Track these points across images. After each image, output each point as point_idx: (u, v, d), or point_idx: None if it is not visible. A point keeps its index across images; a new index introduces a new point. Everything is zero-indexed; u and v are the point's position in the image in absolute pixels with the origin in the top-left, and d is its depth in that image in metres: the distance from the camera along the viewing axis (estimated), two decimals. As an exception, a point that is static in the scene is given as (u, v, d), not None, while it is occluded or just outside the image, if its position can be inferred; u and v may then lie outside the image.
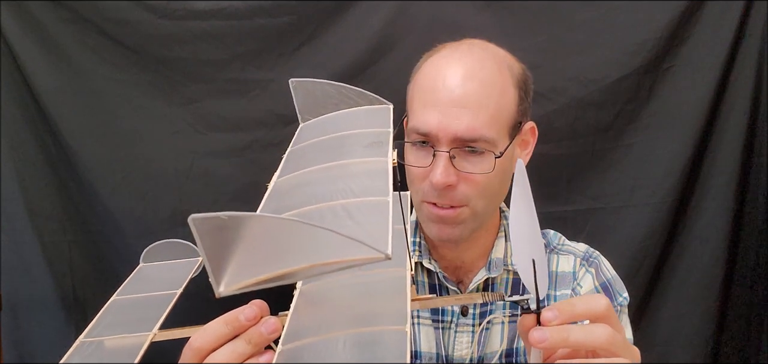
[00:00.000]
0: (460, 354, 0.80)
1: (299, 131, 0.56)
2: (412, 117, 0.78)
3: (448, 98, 0.73)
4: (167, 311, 0.50)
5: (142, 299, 0.53)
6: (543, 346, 0.49)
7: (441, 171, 0.72)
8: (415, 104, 0.77)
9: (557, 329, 0.49)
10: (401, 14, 1.09)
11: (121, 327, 0.49)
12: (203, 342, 0.48)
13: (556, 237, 0.88)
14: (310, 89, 0.56)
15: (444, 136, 0.72)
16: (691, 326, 1.14)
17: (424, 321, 0.81)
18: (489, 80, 0.74)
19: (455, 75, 0.74)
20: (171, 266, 0.59)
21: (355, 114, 0.55)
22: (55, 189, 1.14)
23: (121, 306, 0.53)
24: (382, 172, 0.41)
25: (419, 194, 0.77)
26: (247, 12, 1.07)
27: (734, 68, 1.09)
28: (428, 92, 0.76)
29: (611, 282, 0.82)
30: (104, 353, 0.46)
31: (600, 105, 1.10)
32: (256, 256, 0.30)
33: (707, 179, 1.12)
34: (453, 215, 0.75)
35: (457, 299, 0.67)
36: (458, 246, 0.81)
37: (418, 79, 0.80)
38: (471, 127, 0.72)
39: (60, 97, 1.09)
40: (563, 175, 1.14)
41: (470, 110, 0.72)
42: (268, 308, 0.50)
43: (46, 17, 1.07)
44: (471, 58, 0.76)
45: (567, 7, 1.08)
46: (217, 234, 0.29)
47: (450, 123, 0.72)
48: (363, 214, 0.36)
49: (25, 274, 1.13)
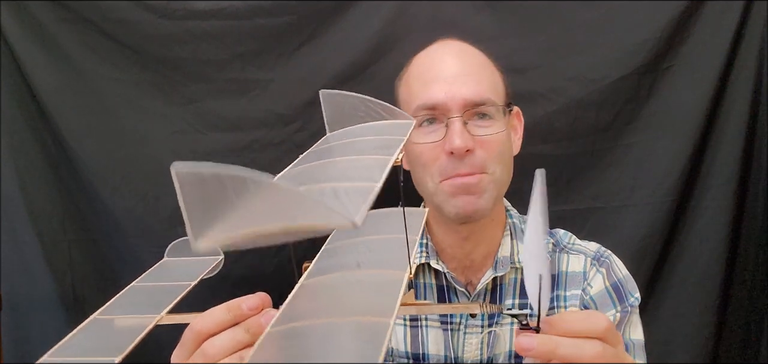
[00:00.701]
0: (468, 356, 0.80)
1: (324, 139, 0.57)
2: (413, 100, 0.78)
3: (449, 72, 0.77)
4: (179, 298, 0.51)
5: (159, 287, 0.55)
6: (529, 355, 0.49)
7: (458, 135, 0.73)
8: (415, 88, 0.79)
9: (545, 338, 0.49)
10: (401, 14, 1.09)
11: (133, 308, 0.51)
12: (203, 325, 0.50)
13: (567, 236, 0.88)
14: (339, 102, 0.56)
15: (453, 103, 0.74)
16: (691, 326, 1.14)
17: (433, 323, 0.81)
18: (481, 58, 0.81)
19: (451, 54, 0.80)
20: (192, 262, 0.60)
21: (377, 126, 0.56)
22: (55, 189, 1.14)
23: (138, 291, 0.55)
24: (380, 166, 0.42)
25: (436, 175, 0.76)
26: (247, 12, 1.08)
27: (734, 68, 1.09)
28: (428, 72, 0.78)
29: (622, 282, 0.82)
30: (112, 330, 0.47)
31: (600, 105, 1.10)
32: (233, 214, 0.31)
33: (707, 179, 1.12)
34: (476, 181, 0.75)
35: (452, 307, 0.67)
36: (470, 239, 0.80)
37: (412, 70, 0.82)
38: (477, 90, 0.75)
39: (60, 97, 1.09)
40: (563, 176, 1.14)
41: (473, 77, 0.76)
42: (270, 300, 0.51)
43: (46, 17, 1.07)
44: (458, 44, 0.82)
45: (567, 7, 1.08)
46: (198, 188, 0.30)
47: (458, 89, 0.75)
48: (348, 195, 0.36)
49: (25, 273, 1.13)
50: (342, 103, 0.56)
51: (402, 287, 0.43)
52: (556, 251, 0.84)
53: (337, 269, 0.48)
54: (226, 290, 0.54)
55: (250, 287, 0.53)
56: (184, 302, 0.51)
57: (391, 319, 0.37)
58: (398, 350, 0.81)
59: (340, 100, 0.56)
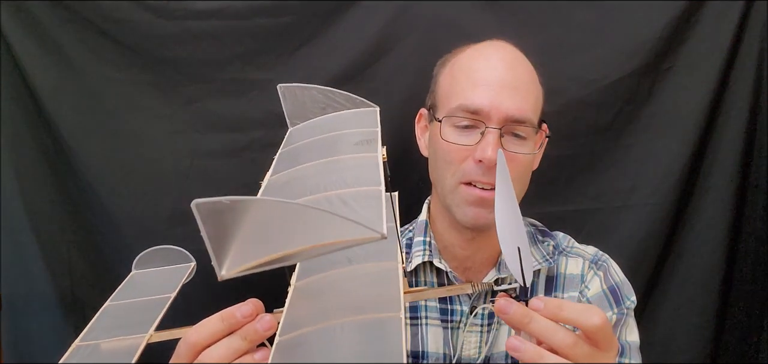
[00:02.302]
0: (468, 354, 0.80)
1: (288, 135, 0.56)
2: (456, 97, 0.77)
3: (498, 79, 0.75)
4: (163, 313, 0.50)
5: (136, 304, 0.53)
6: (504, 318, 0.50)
7: (492, 146, 0.72)
8: (461, 83, 0.77)
9: (522, 308, 0.49)
10: (401, 14, 1.09)
11: (116, 330, 0.49)
12: (198, 337, 0.49)
13: (565, 239, 0.88)
14: (298, 94, 0.56)
15: (495, 114, 0.74)
16: (691, 326, 1.14)
17: (433, 321, 0.81)
18: (530, 71, 0.79)
19: (503, 60, 0.78)
20: (163, 272, 0.59)
21: (343, 117, 0.56)
22: (54, 189, 1.13)
23: (115, 311, 0.53)
24: (373, 166, 0.42)
25: (457, 175, 0.76)
26: (247, 12, 1.07)
27: (734, 68, 1.09)
28: (477, 72, 0.77)
29: (619, 285, 0.82)
30: (101, 355, 0.46)
31: (600, 105, 1.10)
32: (256, 239, 0.31)
33: (707, 180, 1.12)
34: (494, 197, 0.75)
35: (447, 290, 0.67)
36: (475, 241, 0.81)
37: (461, 62, 0.80)
38: (521, 108, 0.74)
39: (60, 97, 1.09)
40: (563, 176, 1.14)
41: (520, 92, 0.75)
42: (263, 306, 0.50)
43: (46, 17, 1.06)
44: (511, 50, 0.80)
45: (567, 7, 1.08)
46: (219, 218, 0.30)
47: (503, 101, 0.74)
48: (357, 201, 0.37)
49: (24, 274, 1.13)
50: (301, 96, 0.56)
51: (399, 277, 0.43)
52: (556, 253, 0.85)
53: (328, 266, 0.48)
54: (217, 303, 0.52)
55: (241, 294, 0.52)
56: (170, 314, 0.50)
57: (400, 313, 0.37)
58: None
59: (298, 92, 0.56)
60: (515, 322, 0.50)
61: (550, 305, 0.50)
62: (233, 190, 1.13)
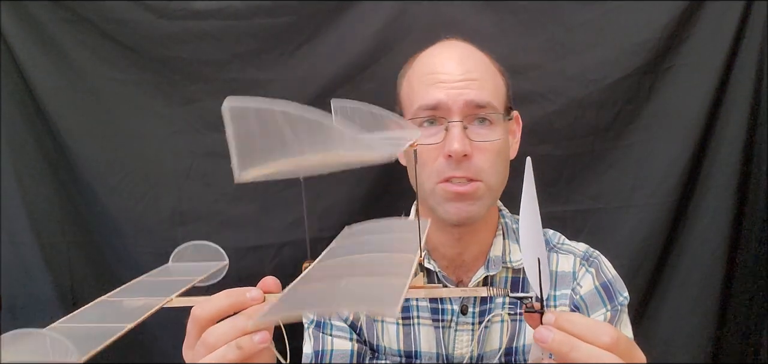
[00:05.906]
0: (460, 353, 0.80)
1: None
2: (415, 100, 0.78)
3: (452, 71, 0.76)
4: (187, 287, 0.52)
5: (166, 280, 0.56)
6: (544, 346, 0.49)
7: (457, 139, 0.73)
8: (417, 87, 0.78)
9: (564, 337, 0.48)
10: (401, 14, 1.10)
11: (142, 294, 0.51)
12: (202, 312, 0.50)
13: (556, 236, 0.89)
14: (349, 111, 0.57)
15: (455, 105, 0.74)
16: (691, 326, 1.14)
17: (424, 321, 0.81)
18: (484, 61, 0.80)
19: (454, 56, 0.79)
20: (197, 266, 0.61)
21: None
22: (54, 189, 1.13)
23: (144, 284, 0.55)
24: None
25: (432, 176, 0.77)
26: (247, 12, 1.08)
27: (734, 68, 1.09)
28: (430, 74, 0.78)
29: (611, 282, 0.82)
30: (119, 310, 0.48)
31: (600, 105, 1.10)
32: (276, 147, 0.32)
33: (707, 179, 1.12)
34: (471, 189, 0.75)
35: (462, 292, 0.67)
36: (463, 240, 0.81)
37: (415, 68, 0.82)
38: (479, 94, 0.75)
39: (60, 97, 1.09)
40: (563, 176, 1.14)
41: (475, 81, 0.76)
42: (279, 287, 0.51)
43: (46, 17, 1.07)
44: (463, 45, 0.81)
45: (567, 7, 1.08)
46: (245, 121, 0.32)
47: (460, 92, 0.74)
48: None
49: (24, 274, 1.13)
50: (352, 113, 0.56)
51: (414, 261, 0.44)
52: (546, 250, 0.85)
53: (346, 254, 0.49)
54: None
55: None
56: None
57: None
58: (390, 348, 0.81)
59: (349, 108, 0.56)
60: (555, 350, 0.49)
61: (561, 320, 0.50)
62: (233, 190, 1.14)
